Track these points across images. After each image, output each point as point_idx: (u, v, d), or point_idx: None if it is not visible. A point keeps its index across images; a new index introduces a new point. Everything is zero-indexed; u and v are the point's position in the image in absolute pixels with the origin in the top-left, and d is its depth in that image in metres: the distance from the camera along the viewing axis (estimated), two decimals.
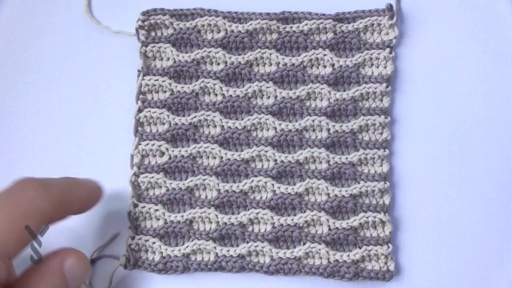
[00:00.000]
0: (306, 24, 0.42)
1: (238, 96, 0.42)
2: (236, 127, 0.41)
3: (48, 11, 0.45)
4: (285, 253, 0.40)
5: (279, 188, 0.40)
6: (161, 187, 0.41)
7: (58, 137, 0.43)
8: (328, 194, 0.40)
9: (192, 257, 0.40)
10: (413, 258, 0.40)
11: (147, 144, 0.41)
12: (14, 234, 0.29)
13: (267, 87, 0.42)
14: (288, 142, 0.41)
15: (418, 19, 0.44)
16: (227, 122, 0.41)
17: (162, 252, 0.40)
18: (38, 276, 0.31)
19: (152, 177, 0.41)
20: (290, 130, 0.41)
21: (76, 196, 0.34)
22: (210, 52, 0.42)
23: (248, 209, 0.40)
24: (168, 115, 0.42)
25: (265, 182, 0.41)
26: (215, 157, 0.41)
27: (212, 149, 0.41)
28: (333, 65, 0.42)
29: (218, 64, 0.43)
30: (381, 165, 0.41)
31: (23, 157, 0.42)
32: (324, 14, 0.42)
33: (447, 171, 0.41)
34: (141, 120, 0.42)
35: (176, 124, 0.42)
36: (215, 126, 0.42)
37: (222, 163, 0.41)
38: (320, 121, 0.41)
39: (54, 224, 0.32)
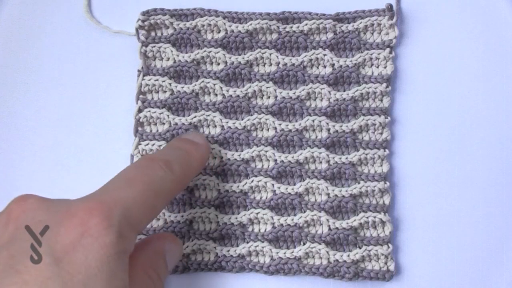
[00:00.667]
0: (306, 24, 0.42)
1: (238, 96, 0.42)
2: (236, 127, 0.41)
3: (48, 11, 0.45)
4: (285, 253, 0.40)
5: (279, 188, 0.40)
6: None
7: (58, 137, 0.43)
8: (328, 194, 0.40)
9: (192, 257, 0.40)
10: (413, 258, 0.40)
11: (147, 144, 0.41)
12: (147, 211, 0.31)
13: (267, 87, 0.42)
14: (288, 142, 0.41)
15: (418, 19, 0.44)
16: (227, 122, 0.41)
17: None
18: (146, 254, 0.33)
19: None
20: (290, 130, 0.41)
21: (193, 169, 0.36)
22: (210, 52, 0.42)
23: (248, 209, 0.40)
24: (168, 115, 0.42)
25: (265, 182, 0.41)
26: (215, 157, 0.41)
27: (212, 149, 0.41)
28: (333, 65, 0.42)
29: (218, 64, 0.43)
30: (381, 165, 0.41)
31: (23, 157, 0.42)
32: (324, 14, 0.42)
33: (447, 171, 0.41)
34: (141, 120, 0.42)
35: (176, 124, 0.42)
36: (215, 126, 0.42)
37: (222, 163, 0.41)
38: (320, 121, 0.41)
39: None
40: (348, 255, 0.39)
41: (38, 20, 0.44)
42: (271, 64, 0.42)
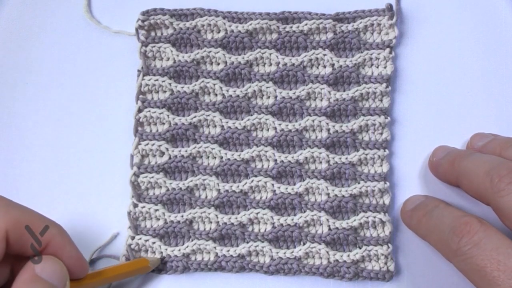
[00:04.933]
0: (306, 24, 0.42)
1: (238, 96, 0.42)
2: (236, 127, 0.41)
3: (48, 11, 0.45)
4: (285, 253, 0.40)
5: (279, 188, 0.40)
6: (161, 187, 0.41)
7: (58, 137, 0.43)
8: (328, 194, 0.40)
9: (192, 257, 0.40)
10: (413, 258, 0.40)
11: (147, 144, 0.41)
12: None
13: (267, 87, 0.42)
14: (288, 142, 0.41)
15: (418, 19, 0.44)
16: (227, 122, 0.41)
17: (162, 252, 0.40)
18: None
19: (152, 177, 0.41)
20: (290, 130, 0.41)
21: None
22: (210, 52, 0.42)
23: (248, 209, 0.40)
24: (168, 115, 0.42)
25: (265, 182, 0.41)
26: (215, 157, 0.41)
27: (212, 149, 0.41)
28: (333, 65, 0.42)
29: (218, 64, 0.43)
30: (381, 165, 0.41)
31: (23, 157, 0.42)
32: (324, 14, 0.42)
33: None
34: (141, 120, 0.42)
35: (176, 124, 0.42)
36: (215, 126, 0.42)
37: (222, 163, 0.41)
38: (320, 121, 0.41)
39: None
40: (348, 255, 0.39)
41: (38, 20, 0.44)
42: (271, 64, 0.42)
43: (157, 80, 0.42)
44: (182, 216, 0.40)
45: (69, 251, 0.32)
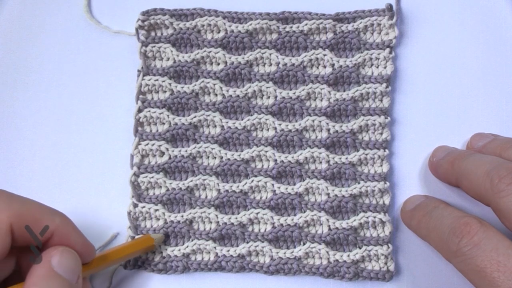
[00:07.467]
0: (306, 24, 0.42)
1: (238, 96, 0.42)
2: (236, 127, 0.41)
3: (48, 11, 0.45)
4: (285, 253, 0.40)
5: (279, 188, 0.40)
6: (161, 187, 0.41)
7: (58, 137, 0.43)
8: (328, 194, 0.40)
9: (192, 257, 0.40)
10: (413, 258, 0.40)
11: (147, 144, 0.41)
12: None
13: (267, 87, 0.42)
14: (288, 142, 0.41)
15: (418, 19, 0.44)
16: (227, 122, 0.41)
17: (162, 252, 0.40)
18: (31, 285, 0.30)
19: (152, 177, 0.41)
20: (290, 130, 0.41)
21: None
22: (210, 52, 0.42)
23: (248, 209, 0.40)
24: (168, 115, 0.42)
25: (265, 182, 0.41)
26: (215, 157, 0.41)
27: (212, 149, 0.41)
28: (333, 65, 0.42)
29: (218, 64, 0.43)
30: (381, 165, 0.41)
31: (23, 157, 0.42)
32: (324, 14, 0.42)
33: None
34: (141, 120, 0.42)
35: (176, 124, 0.42)
36: (215, 126, 0.42)
37: (222, 163, 0.41)
38: (320, 121, 0.41)
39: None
40: (348, 255, 0.39)
41: (38, 20, 0.44)
42: (271, 64, 0.42)
43: (157, 80, 0.42)
44: (182, 216, 0.40)
45: (74, 238, 0.33)
